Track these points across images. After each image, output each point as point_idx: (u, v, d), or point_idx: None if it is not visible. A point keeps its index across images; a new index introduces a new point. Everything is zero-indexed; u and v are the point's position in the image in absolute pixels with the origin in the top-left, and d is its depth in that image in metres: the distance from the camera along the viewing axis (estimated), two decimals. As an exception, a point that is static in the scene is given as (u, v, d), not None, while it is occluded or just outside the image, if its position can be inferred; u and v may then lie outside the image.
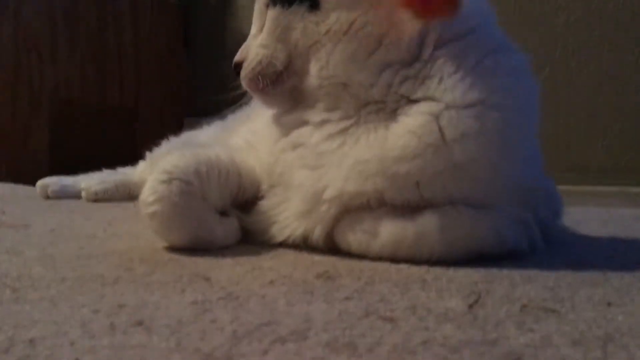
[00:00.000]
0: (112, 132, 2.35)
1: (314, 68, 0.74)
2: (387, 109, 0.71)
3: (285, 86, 0.77)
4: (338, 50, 0.72)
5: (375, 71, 0.71)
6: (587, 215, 1.16)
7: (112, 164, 1.62)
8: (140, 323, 0.43)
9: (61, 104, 2.11)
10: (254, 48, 0.79)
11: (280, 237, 0.76)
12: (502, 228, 0.70)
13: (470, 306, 0.50)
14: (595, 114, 1.95)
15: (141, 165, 1.59)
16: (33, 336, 0.40)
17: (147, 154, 1.57)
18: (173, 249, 0.73)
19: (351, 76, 0.71)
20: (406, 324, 0.44)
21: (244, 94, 0.85)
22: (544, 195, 0.80)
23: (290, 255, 0.72)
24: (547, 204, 0.81)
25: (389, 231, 0.70)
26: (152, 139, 1.57)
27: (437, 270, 0.64)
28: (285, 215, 0.76)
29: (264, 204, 0.78)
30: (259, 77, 0.78)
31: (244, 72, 0.80)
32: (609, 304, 0.52)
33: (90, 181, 1.48)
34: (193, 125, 1.53)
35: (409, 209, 0.69)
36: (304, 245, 0.74)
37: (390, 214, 0.70)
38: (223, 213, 0.78)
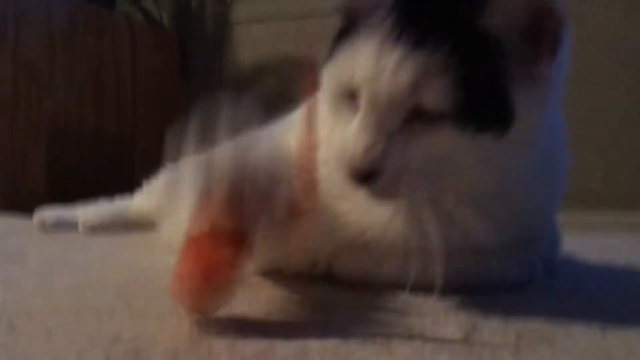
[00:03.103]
0: (110, 161, 2.35)
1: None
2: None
3: None
4: None
5: None
6: (583, 243, 1.17)
7: (109, 193, 1.62)
8: (136, 354, 0.43)
9: (59, 133, 2.12)
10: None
11: (298, 263, 0.76)
12: (507, 267, 0.71)
13: (467, 335, 0.50)
14: (593, 141, 1.96)
15: (138, 195, 1.59)
16: (29, 368, 0.40)
17: (145, 183, 1.57)
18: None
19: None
20: (402, 352, 0.45)
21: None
22: (551, 232, 0.82)
23: (286, 285, 0.72)
24: (552, 239, 0.82)
25: (393, 262, 0.70)
26: (149, 169, 1.57)
27: (434, 299, 0.64)
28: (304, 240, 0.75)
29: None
30: None
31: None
32: (604, 333, 0.52)
33: (87, 212, 1.47)
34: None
35: None
36: (300, 274, 0.74)
37: (395, 244, 0.70)
38: None
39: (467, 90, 0.56)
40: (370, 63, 0.59)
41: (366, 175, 0.59)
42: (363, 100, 0.60)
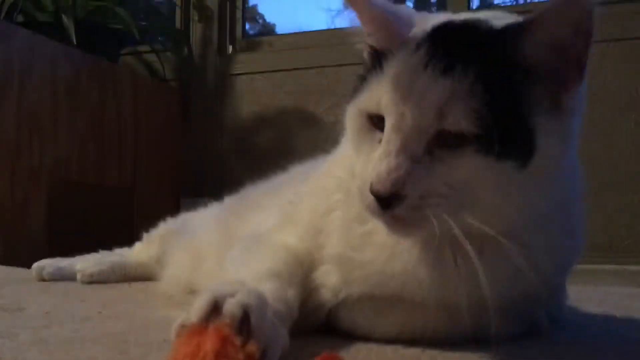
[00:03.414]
0: (110, 211, 2.36)
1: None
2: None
3: None
4: None
5: None
6: (583, 294, 1.16)
7: (108, 243, 1.62)
8: (134, 407, 0.43)
9: (60, 183, 2.13)
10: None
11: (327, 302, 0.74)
12: (510, 325, 0.71)
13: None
14: (591, 192, 1.97)
15: (137, 246, 1.59)
16: (27, 421, 0.40)
17: (144, 234, 1.57)
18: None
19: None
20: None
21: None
22: (561, 288, 0.82)
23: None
24: (559, 297, 0.82)
25: (397, 314, 0.70)
26: (149, 220, 1.58)
27: (433, 351, 0.64)
28: (315, 286, 0.75)
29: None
30: None
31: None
32: (605, 384, 0.52)
33: (85, 263, 1.47)
34: (189, 206, 1.54)
35: None
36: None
37: (399, 297, 0.70)
38: None
39: (491, 116, 0.57)
40: (398, 88, 0.60)
41: (389, 199, 0.58)
42: (388, 125, 0.61)
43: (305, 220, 0.78)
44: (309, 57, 2.58)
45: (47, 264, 1.49)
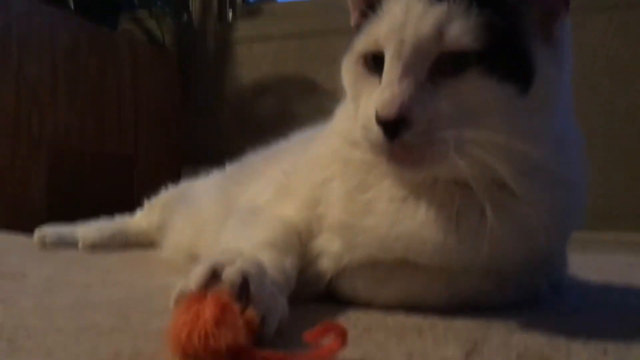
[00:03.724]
0: (111, 179, 2.36)
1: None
2: (462, 185, 0.65)
3: None
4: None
5: None
6: (583, 262, 1.16)
7: (110, 211, 1.62)
8: (136, 373, 0.43)
9: (60, 152, 2.13)
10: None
11: (329, 270, 0.74)
12: (510, 292, 0.72)
13: (467, 354, 0.50)
14: (590, 160, 1.97)
15: (138, 213, 1.59)
16: (29, 387, 0.40)
17: (145, 202, 1.57)
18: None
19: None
20: (402, 373, 0.44)
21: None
22: (561, 256, 0.82)
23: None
24: (561, 263, 0.83)
25: (399, 281, 0.70)
26: (150, 187, 1.58)
27: (434, 318, 0.64)
28: (316, 255, 0.75)
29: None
30: None
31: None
32: (605, 352, 0.52)
33: (87, 230, 1.47)
34: (191, 174, 1.54)
35: None
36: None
37: (401, 264, 0.70)
38: None
39: (490, 33, 0.58)
40: (395, 19, 0.61)
41: (396, 125, 0.57)
42: (388, 56, 0.61)
43: (302, 192, 0.78)
44: (310, 23, 2.54)
45: (48, 232, 1.50)
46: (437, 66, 0.59)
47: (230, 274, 0.49)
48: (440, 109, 0.59)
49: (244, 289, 0.49)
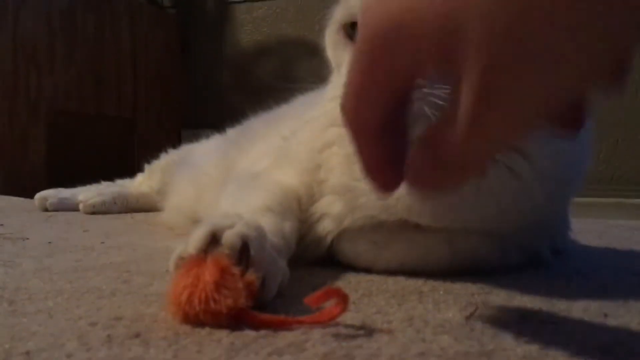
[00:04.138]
0: (111, 143, 2.35)
1: None
2: None
3: None
4: None
5: None
6: (583, 227, 1.16)
7: (110, 175, 1.62)
8: (137, 335, 0.43)
9: (58, 115, 2.12)
10: None
11: (330, 232, 0.74)
12: (511, 255, 0.72)
13: (468, 318, 0.50)
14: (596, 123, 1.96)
15: (139, 177, 1.59)
16: (29, 349, 0.40)
17: (145, 165, 1.57)
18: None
19: None
20: (403, 336, 0.44)
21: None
22: (563, 219, 0.82)
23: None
24: (563, 231, 0.82)
25: (400, 243, 0.70)
26: (150, 151, 1.57)
27: (434, 282, 0.64)
28: (318, 217, 0.75)
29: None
30: None
31: None
32: (605, 315, 0.52)
33: (87, 193, 1.48)
34: (191, 138, 1.53)
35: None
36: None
37: (402, 227, 0.70)
38: None
39: None
40: None
41: None
42: None
43: (301, 157, 0.78)
44: (311, -16, 2.50)
45: (49, 195, 1.50)
46: None
47: (229, 237, 0.49)
48: None
49: (243, 253, 0.49)
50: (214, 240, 0.49)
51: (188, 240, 0.50)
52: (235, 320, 0.45)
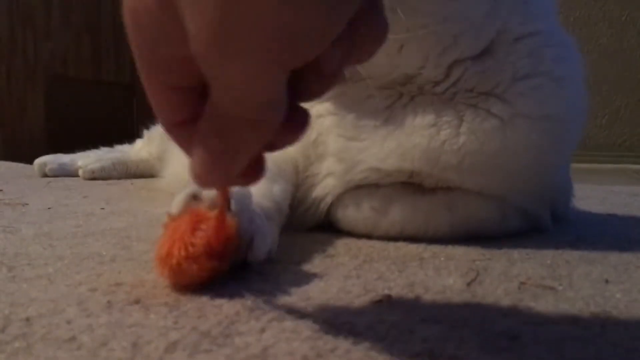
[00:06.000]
0: (110, 108, 2.33)
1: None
2: (443, 97, 0.68)
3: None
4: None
5: (447, 67, 0.67)
6: (585, 193, 1.16)
7: (110, 141, 1.62)
8: (137, 301, 0.43)
9: (56, 79, 2.10)
10: None
11: (324, 199, 0.74)
12: (511, 221, 0.72)
13: (468, 284, 0.50)
14: (593, 92, 1.94)
15: (138, 143, 1.58)
16: (29, 314, 0.40)
17: (145, 131, 1.56)
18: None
19: (421, 70, 0.67)
20: (403, 302, 0.44)
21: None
22: (563, 184, 0.81)
23: (287, 234, 0.72)
24: (564, 196, 0.82)
25: (399, 209, 0.70)
26: (150, 117, 1.56)
27: (435, 248, 0.64)
28: (321, 178, 0.75)
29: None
30: None
31: None
32: (606, 281, 0.52)
33: (87, 159, 1.47)
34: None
35: (420, 188, 0.69)
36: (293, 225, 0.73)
37: (401, 192, 0.70)
38: None
39: None
40: None
41: None
42: None
43: None
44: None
45: (49, 161, 1.49)
46: None
47: (209, 192, 0.49)
48: None
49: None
50: (195, 199, 0.49)
51: (172, 203, 0.50)
52: (216, 259, 0.45)
